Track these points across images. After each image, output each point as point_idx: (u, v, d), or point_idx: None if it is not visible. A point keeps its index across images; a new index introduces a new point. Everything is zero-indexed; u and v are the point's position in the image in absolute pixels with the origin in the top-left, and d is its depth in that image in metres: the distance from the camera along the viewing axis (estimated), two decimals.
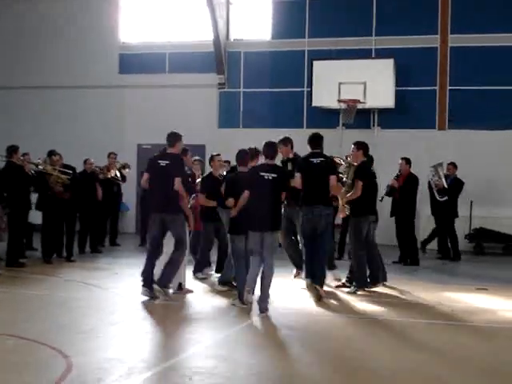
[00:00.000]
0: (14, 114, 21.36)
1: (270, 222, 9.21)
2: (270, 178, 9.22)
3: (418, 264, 14.31)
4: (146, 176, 10.04)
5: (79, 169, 14.68)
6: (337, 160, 12.29)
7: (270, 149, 9.51)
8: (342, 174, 13.09)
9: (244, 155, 9.92)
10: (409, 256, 14.45)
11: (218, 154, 12.04)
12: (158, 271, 9.89)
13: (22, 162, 12.85)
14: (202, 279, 11.57)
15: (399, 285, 11.63)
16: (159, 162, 9.89)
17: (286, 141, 11.30)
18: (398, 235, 14.65)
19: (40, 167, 13.31)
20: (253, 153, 10.03)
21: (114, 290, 10.59)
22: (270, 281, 9.22)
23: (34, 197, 13.67)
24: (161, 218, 9.79)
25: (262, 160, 9.84)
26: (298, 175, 10.29)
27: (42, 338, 7.32)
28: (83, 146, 18.69)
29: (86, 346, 7.36)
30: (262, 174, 9.27)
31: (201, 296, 10.26)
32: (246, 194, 9.29)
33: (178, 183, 9.71)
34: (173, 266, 9.76)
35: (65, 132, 20.21)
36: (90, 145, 18.76)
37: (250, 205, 9.29)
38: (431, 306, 10.01)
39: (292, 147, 11.44)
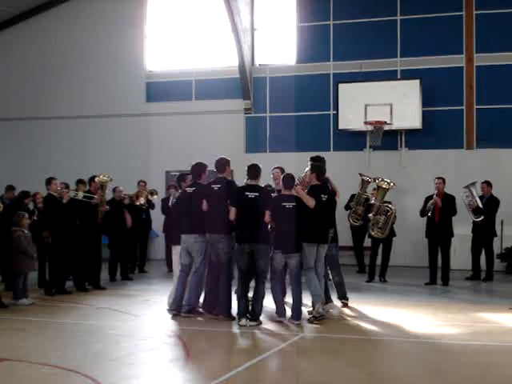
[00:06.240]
0: (42, 143, 21.69)
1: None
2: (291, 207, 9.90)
3: (448, 284, 14.25)
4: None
5: (108, 197, 14.74)
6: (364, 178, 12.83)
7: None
8: (368, 196, 13.52)
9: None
10: (442, 276, 14.39)
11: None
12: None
13: (58, 193, 13.04)
14: None
15: (430, 306, 11.55)
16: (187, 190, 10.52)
17: None
18: (430, 256, 14.59)
19: (79, 196, 13.45)
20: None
21: (145, 317, 10.60)
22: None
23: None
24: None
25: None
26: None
27: (75, 367, 7.35)
28: (112, 173, 18.76)
29: (119, 373, 7.36)
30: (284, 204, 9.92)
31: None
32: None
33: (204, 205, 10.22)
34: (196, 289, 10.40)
35: (94, 160, 20.36)
36: (119, 172, 18.80)
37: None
38: (466, 326, 9.93)
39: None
